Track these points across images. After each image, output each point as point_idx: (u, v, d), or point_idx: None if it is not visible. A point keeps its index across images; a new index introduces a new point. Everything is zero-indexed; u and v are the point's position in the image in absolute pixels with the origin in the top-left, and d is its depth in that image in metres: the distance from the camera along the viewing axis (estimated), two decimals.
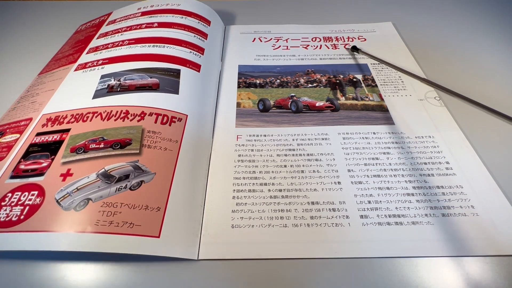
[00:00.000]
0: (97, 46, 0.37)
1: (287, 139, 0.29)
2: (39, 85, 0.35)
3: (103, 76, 0.32)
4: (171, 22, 0.38)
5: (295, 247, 0.22)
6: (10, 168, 0.25)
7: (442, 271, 0.20)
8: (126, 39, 0.37)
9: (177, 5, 0.41)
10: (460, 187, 0.25)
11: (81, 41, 0.41)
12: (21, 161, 0.25)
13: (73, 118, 0.28)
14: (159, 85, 0.30)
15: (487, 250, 0.21)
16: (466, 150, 0.28)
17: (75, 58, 0.37)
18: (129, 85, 0.30)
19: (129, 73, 0.31)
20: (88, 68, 0.34)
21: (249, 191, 0.25)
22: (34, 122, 0.29)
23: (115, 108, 0.28)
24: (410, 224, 0.23)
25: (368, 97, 0.33)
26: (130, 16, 0.41)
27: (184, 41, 0.36)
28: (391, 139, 0.29)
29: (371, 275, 0.20)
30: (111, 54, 0.35)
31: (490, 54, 0.39)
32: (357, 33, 0.43)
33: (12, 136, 0.28)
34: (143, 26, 0.38)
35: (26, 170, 0.25)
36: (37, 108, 0.31)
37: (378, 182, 0.25)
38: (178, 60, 0.34)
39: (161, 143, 0.26)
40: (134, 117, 0.27)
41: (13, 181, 0.24)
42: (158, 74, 0.32)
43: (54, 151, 0.25)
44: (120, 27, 0.40)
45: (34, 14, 0.50)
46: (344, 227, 0.23)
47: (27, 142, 0.27)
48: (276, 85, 0.36)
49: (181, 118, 0.28)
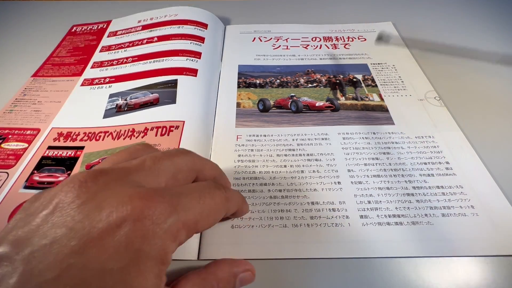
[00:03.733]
0: (102, 61, 0.38)
1: (287, 139, 0.29)
2: (38, 91, 0.35)
3: (111, 95, 0.33)
4: (169, 34, 0.39)
5: (295, 247, 0.22)
6: (22, 177, 0.26)
7: (442, 271, 0.20)
8: (130, 56, 0.38)
9: (174, 15, 0.42)
10: (460, 187, 0.25)
11: (81, 50, 0.41)
12: (34, 172, 0.26)
13: (86, 136, 0.29)
14: (159, 100, 0.32)
15: (487, 250, 0.21)
16: (466, 150, 0.28)
17: (79, 71, 0.38)
18: (134, 103, 0.32)
19: (133, 92, 0.33)
20: (96, 85, 0.35)
21: (249, 191, 0.25)
22: (43, 134, 0.30)
23: (123, 128, 0.29)
24: (410, 224, 0.23)
25: (368, 97, 0.33)
26: (131, 30, 0.42)
27: (181, 50, 0.37)
28: (391, 139, 0.29)
29: (371, 275, 0.20)
30: (117, 72, 0.36)
31: (490, 53, 0.39)
32: (357, 33, 0.43)
33: (18, 144, 0.29)
34: (144, 41, 0.39)
35: (41, 182, 0.25)
36: (44, 119, 0.31)
37: (378, 182, 0.25)
38: (175, 71, 0.34)
39: None
40: (139, 134, 0.29)
41: (28, 191, 0.25)
42: (158, 88, 0.33)
43: (69, 167, 0.27)
44: (122, 41, 0.41)
45: (24, 13, 0.49)
46: (344, 227, 0.23)
47: (39, 154, 0.28)
48: (276, 85, 0.36)
49: (178, 125, 0.29)
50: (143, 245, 0.12)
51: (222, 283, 0.16)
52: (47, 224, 0.12)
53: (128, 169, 0.15)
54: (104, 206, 0.13)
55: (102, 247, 0.12)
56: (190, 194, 0.15)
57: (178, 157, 0.17)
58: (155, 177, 0.15)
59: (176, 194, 0.15)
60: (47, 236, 0.12)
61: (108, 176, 0.14)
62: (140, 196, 0.13)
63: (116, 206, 0.13)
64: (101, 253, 0.12)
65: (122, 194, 0.13)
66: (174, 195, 0.14)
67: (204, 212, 0.15)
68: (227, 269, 0.17)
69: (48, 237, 0.12)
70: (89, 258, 0.11)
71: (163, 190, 0.14)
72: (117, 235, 0.12)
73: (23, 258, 0.11)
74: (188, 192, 0.15)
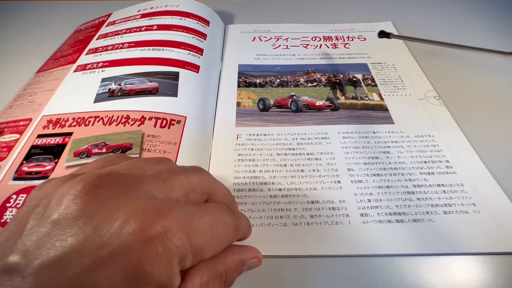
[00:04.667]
0: (97, 47, 0.37)
1: (287, 138, 0.29)
2: (37, 84, 0.34)
3: (104, 79, 0.32)
4: (170, 24, 0.38)
5: (294, 245, 0.22)
6: (12, 169, 0.25)
7: (443, 269, 0.20)
8: (126, 41, 0.37)
9: (176, 6, 0.41)
10: (460, 185, 0.25)
11: (80, 41, 0.40)
12: (23, 163, 0.25)
13: (75, 121, 0.28)
14: (158, 89, 0.31)
15: (489, 248, 0.21)
16: (465, 149, 0.28)
17: (74, 59, 0.37)
18: (130, 89, 0.30)
19: (129, 78, 0.32)
20: (88, 70, 0.34)
21: (249, 190, 0.25)
22: (34, 123, 0.29)
23: (116, 113, 0.28)
24: (412, 222, 0.23)
25: (367, 97, 0.34)
26: (130, 18, 0.41)
27: (183, 43, 0.36)
28: (391, 138, 0.29)
29: (371, 273, 0.20)
30: (111, 57, 0.35)
31: (491, 52, 0.39)
32: (357, 32, 0.43)
33: (11, 136, 0.28)
34: (143, 28, 0.38)
35: (29, 172, 0.25)
36: (36, 109, 0.30)
37: (378, 181, 0.25)
38: (176, 63, 0.34)
39: (160, 146, 0.26)
40: (134, 122, 0.27)
41: (17, 183, 0.24)
42: (157, 78, 0.32)
43: (57, 154, 0.26)
44: (120, 28, 0.40)
45: (32, 13, 0.50)
46: (344, 225, 0.23)
47: (28, 144, 0.27)
48: (276, 85, 0.36)
49: (179, 120, 0.28)
50: (152, 268, 0.12)
51: (230, 271, 0.16)
52: (55, 232, 0.12)
53: (142, 178, 0.15)
54: (116, 218, 0.12)
55: (113, 267, 0.11)
56: (203, 217, 0.14)
57: (194, 175, 0.16)
58: (168, 191, 0.15)
59: (189, 214, 0.14)
60: (56, 248, 0.11)
61: (121, 183, 0.14)
62: (154, 211, 0.13)
63: (128, 221, 0.12)
64: (111, 274, 0.11)
65: (135, 206, 0.13)
66: (188, 215, 0.14)
67: (214, 239, 0.15)
68: (235, 257, 0.17)
69: (57, 249, 0.11)
70: (100, 278, 0.11)
71: (177, 207, 0.14)
72: (128, 255, 0.12)
73: (33, 273, 0.11)
74: (201, 214, 0.14)
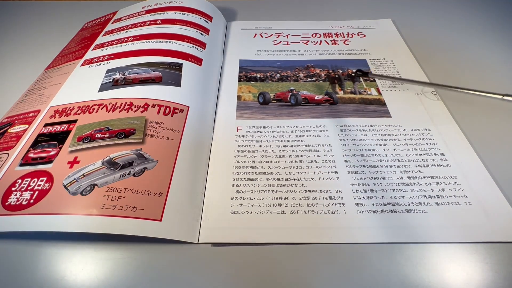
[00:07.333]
0: (103, 42, 0.39)
1: (286, 131, 0.30)
2: (46, 79, 0.36)
3: (109, 70, 0.33)
4: (174, 19, 0.39)
5: (291, 233, 0.22)
6: (19, 156, 0.26)
7: (434, 256, 0.21)
8: (131, 35, 0.38)
9: (180, 2, 0.42)
10: (454, 177, 0.26)
11: (87, 38, 0.42)
12: (30, 150, 0.26)
13: (80, 110, 0.29)
14: (161, 78, 0.31)
15: (479, 237, 0.22)
16: (461, 143, 0.28)
17: (81, 54, 0.38)
18: (133, 78, 0.31)
19: (133, 68, 0.32)
20: (94, 63, 0.35)
21: (248, 179, 0.26)
22: (42, 114, 0.30)
23: (120, 100, 0.29)
24: (405, 212, 0.23)
25: (366, 91, 0.34)
26: (134, 15, 0.42)
27: (186, 36, 0.37)
28: (388, 131, 0.29)
29: (365, 260, 0.21)
30: (116, 50, 0.36)
31: (489, 51, 0.39)
32: (356, 29, 0.43)
33: (20, 127, 0.29)
34: (147, 23, 0.39)
35: (35, 158, 0.26)
36: (45, 101, 0.32)
37: (374, 172, 0.26)
38: (180, 55, 0.35)
39: (163, 132, 0.27)
40: (137, 109, 0.28)
41: (23, 168, 0.25)
42: (161, 68, 0.32)
43: (62, 141, 0.26)
44: (125, 24, 0.41)
45: (41, 13, 0.51)
46: (340, 214, 0.23)
47: (36, 132, 0.28)
48: (276, 79, 0.37)
49: (182, 109, 0.29)
50: None
51: None
52: None
53: None
54: None
55: None
56: None
57: None
58: None
59: None
60: None
61: None
62: None
63: None
64: None
65: None
66: None
67: None
68: None
69: None
70: None
71: None
72: None
73: None
74: None
